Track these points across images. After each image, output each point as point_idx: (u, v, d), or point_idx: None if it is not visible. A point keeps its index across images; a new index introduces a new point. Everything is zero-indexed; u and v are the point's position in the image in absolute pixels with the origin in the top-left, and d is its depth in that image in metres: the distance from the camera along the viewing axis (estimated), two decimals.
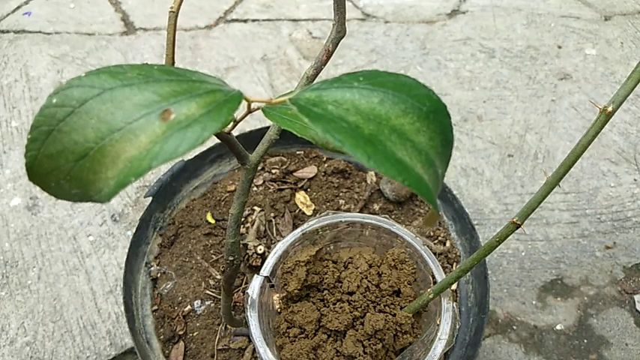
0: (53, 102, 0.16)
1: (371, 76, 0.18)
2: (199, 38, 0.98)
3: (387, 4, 1.06)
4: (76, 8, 1.05)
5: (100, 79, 0.17)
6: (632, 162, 0.77)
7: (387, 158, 0.16)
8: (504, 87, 0.89)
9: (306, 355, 0.35)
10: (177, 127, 0.16)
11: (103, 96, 0.16)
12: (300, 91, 0.18)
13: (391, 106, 0.18)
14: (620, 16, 1.02)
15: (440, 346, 0.34)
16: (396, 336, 0.36)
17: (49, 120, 0.16)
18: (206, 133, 0.16)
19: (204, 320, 0.49)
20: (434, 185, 0.17)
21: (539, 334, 0.60)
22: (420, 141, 0.18)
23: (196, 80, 0.18)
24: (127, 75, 0.17)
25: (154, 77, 0.17)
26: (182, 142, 0.15)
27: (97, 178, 0.16)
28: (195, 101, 0.17)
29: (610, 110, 0.24)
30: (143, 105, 0.16)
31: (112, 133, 0.16)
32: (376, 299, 0.37)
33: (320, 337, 0.36)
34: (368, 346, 0.36)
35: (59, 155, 0.16)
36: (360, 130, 0.17)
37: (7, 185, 0.72)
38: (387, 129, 0.17)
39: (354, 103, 0.17)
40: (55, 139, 0.16)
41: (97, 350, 0.56)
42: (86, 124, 0.16)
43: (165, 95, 0.17)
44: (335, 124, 0.16)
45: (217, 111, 0.16)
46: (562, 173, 0.27)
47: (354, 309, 0.37)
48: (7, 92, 0.86)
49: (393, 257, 0.38)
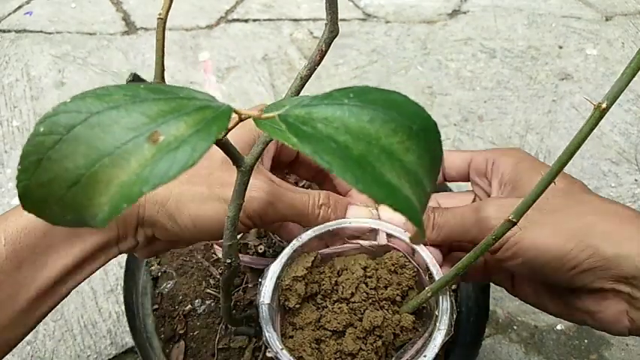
0: (41, 130, 0.16)
1: (361, 93, 0.18)
2: (200, 38, 0.98)
3: (387, 4, 1.06)
4: (77, 8, 1.05)
5: (86, 102, 0.16)
6: (632, 162, 0.77)
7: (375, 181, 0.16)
8: (505, 87, 0.89)
9: (309, 345, 0.36)
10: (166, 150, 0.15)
11: (90, 120, 0.16)
12: (290, 107, 0.18)
13: (381, 124, 0.17)
14: (621, 17, 1.02)
15: (440, 336, 0.34)
16: (395, 333, 0.36)
17: (38, 149, 0.16)
18: (196, 153, 0.15)
19: (205, 319, 0.49)
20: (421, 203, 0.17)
21: (539, 334, 0.60)
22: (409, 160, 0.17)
23: (184, 97, 0.18)
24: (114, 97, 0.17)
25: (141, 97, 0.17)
26: (172, 164, 0.15)
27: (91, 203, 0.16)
28: (184, 120, 0.16)
29: (604, 107, 0.24)
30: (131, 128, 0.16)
31: (102, 159, 0.16)
32: (374, 302, 0.37)
33: (322, 332, 0.37)
34: (368, 344, 0.36)
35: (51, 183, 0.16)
36: (349, 151, 0.16)
37: (8, 184, 0.72)
38: (376, 149, 0.17)
39: (344, 121, 0.17)
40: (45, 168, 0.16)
41: (98, 349, 0.56)
42: (75, 151, 0.16)
43: (153, 116, 0.16)
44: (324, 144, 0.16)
45: (207, 129, 0.16)
46: (556, 171, 0.27)
47: (352, 310, 0.37)
48: (8, 92, 0.86)
49: (393, 262, 0.38)
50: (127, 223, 0.34)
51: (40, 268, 0.31)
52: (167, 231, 0.35)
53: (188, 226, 0.34)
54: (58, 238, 0.31)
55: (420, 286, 0.39)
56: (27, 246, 0.30)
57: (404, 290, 0.38)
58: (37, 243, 0.31)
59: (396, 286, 0.37)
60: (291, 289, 0.37)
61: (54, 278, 0.31)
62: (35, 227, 0.31)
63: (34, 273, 0.30)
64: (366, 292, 0.37)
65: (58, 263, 0.31)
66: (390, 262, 0.38)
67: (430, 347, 0.34)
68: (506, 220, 0.29)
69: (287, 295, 0.37)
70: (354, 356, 0.36)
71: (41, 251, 0.31)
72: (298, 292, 0.37)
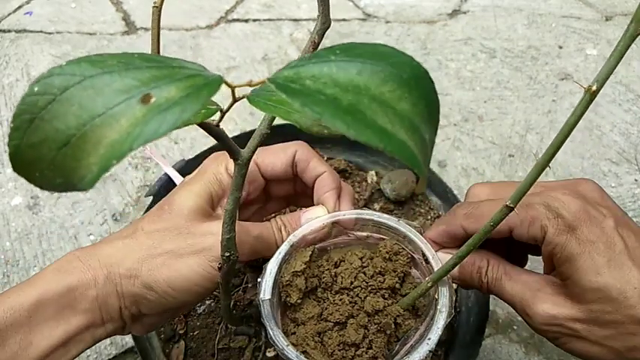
0: (35, 90, 0.16)
1: (348, 49, 0.18)
2: (200, 38, 0.98)
3: (387, 4, 1.06)
4: (77, 8, 1.05)
5: (81, 67, 0.17)
6: (632, 162, 0.77)
7: (367, 126, 0.16)
8: (505, 87, 0.89)
9: (311, 338, 0.36)
10: (157, 110, 0.16)
11: (83, 83, 0.16)
12: (278, 71, 0.18)
13: (370, 75, 0.17)
14: (621, 17, 1.02)
15: (442, 318, 0.35)
16: (396, 323, 0.37)
17: (30, 108, 0.16)
18: (185, 114, 0.16)
19: (205, 319, 0.49)
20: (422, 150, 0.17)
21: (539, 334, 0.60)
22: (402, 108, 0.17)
23: (176, 66, 0.18)
24: (108, 63, 0.17)
25: (135, 64, 0.17)
26: (162, 123, 0.16)
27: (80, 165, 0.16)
28: (175, 85, 0.17)
29: (594, 89, 0.24)
30: (123, 90, 0.16)
31: (93, 119, 0.16)
32: (374, 290, 0.38)
33: (324, 324, 0.37)
34: (370, 333, 0.36)
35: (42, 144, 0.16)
36: (339, 102, 0.16)
37: (8, 184, 0.72)
38: (366, 98, 0.17)
39: (332, 76, 0.17)
40: (37, 128, 0.16)
41: (98, 349, 0.56)
42: (67, 111, 0.16)
43: (145, 81, 0.17)
44: (313, 97, 0.16)
45: (196, 94, 0.17)
46: (551, 154, 0.27)
47: (353, 301, 0.37)
48: (8, 91, 0.86)
49: (387, 250, 0.38)
50: (109, 305, 0.34)
51: (25, 347, 0.31)
52: (149, 302, 0.35)
53: (166, 291, 0.35)
54: (43, 318, 0.32)
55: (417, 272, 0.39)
56: (12, 325, 0.31)
57: (400, 276, 0.38)
58: (23, 322, 0.31)
59: (392, 273, 0.38)
60: (292, 284, 0.37)
61: (39, 358, 0.32)
62: (21, 307, 0.31)
63: (18, 352, 0.31)
64: (365, 281, 0.37)
65: (42, 343, 0.32)
66: (384, 250, 0.38)
67: (433, 330, 0.35)
68: (504, 206, 0.29)
69: (288, 291, 0.37)
70: (357, 346, 0.36)
71: (26, 331, 0.31)
72: (299, 287, 0.37)
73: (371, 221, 0.40)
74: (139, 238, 0.36)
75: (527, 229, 0.35)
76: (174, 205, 0.38)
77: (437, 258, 0.37)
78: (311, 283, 0.38)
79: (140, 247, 0.35)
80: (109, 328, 0.35)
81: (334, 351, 0.36)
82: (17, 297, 0.32)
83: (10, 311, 0.31)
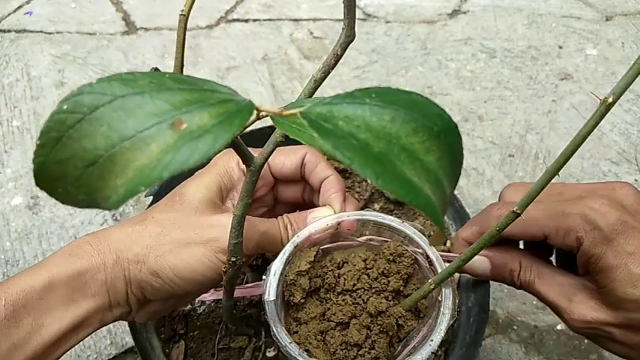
0: (64, 108, 0.16)
1: (383, 93, 0.18)
2: (200, 38, 0.98)
3: (387, 4, 1.06)
4: (77, 8, 1.05)
5: (112, 86, 0.16)
6: (632, 162, 0.77)
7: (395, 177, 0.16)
8: (505, 87, 0.89)
9: (314, 337, 0.36)
10: (188, 137, 0.15)
11: (114, 103, 0.16)
12: (311, 105, 0.18)
13: (402, 124, 0.17)
14: (621, 17, 1.02)
15: (445, 320, 0.35)
16: (399, 324, 0.37)
17: (59, 126, 0.16)
18: (217, 144, 0.15)
19: (205, 319, 0.49)
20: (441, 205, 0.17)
21: (539, 334, 0.60)
22: (429, 160, 0.17)
23: (208, 89, 0.18)
24: (139, 83, 0.17)
25: (166, 86, 0.17)
26: (194, 152, 0.15)
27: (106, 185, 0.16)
28: (208, 111, 0.16)
29: (610, 101, 0.24)
30: (155, 114, 0.16)
31: (122, 141, 0.16)
32: (377, 292, 0.38)
33: (327, 324, 0.37)
34: (372, 334, 0.36)
35: (68, 162, 0.16)
36: (370, 148, 0.16)
37: (8, 184, 0.72)
38: (396, 148, 0.17)
39: (365, 120, 0.17)
40: (64, 146, 0.16)
41: (98, 349, 0.56)
42: (96, 132, 0.16)
43: (177, 104, 0.16)
44: (345, 140, 0.16)
45: (229, 122, 0.16)
46: (562, 162, 0.27)
47: (356, 302, 0.37)
48: (8, 91, 0.86)
49: (390, 251, 0.38)
50: (117, 288, 0.35)
51: (37, 329, 0.32)
52: (154, 289, 0.36)
53: (171, 279, 0.35)
54: (54, 301, 0.33)
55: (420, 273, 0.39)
56: (25, 307, 0.32)
57: (404, 278, 0.38)
58: (35, 305, 0.32)
59: (396, 275, 0.38)
60: (296, 284, 0.37)
61: (49, 340, 0.32)
62: (33, 290, 0.32)
63: (30, 334, 0.32)
64: (369, 283, 0.38)
65: (53, 326, 0.32)
66: (387, 251, 0.38)
67: (436, 331, 0.35)
68: (511, 212, 0.29)
69: (292, 291, 0.37)
70: (360, 347, 0.36)
71: (38, 314, 0.32)
72: (303, 287, 0.37)
73: (374, 222, 0.40)
74: (149, 226, 0.36)
75: (562, 239, 0.34)
76: (184, 196, 0.38)
77: (440, 260, 0.37)
78: (314, 283, 0.38)
79: (149, 234, 0.36)
80: (116, 313, 0.36)
81: (336, 350, 0.36)
82: (29, 279, 0.32)
83: (22, 293, 0.32)
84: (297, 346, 0.34)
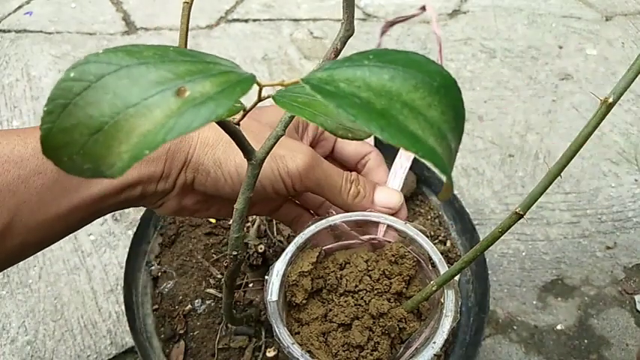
0: (71, 76, 0.16)
1: (381, 54, 0.19)
2: (200, 38, 0.98)
3: (388, 4, 1.06)
4: (77, 8, 1.05)
5: (117, 56, 0.17)
6: (632, 162, 0.77)
7: (400, 130, 0.17)
8: (505, 87, 0.89)
9: (316, 338, 0.36)
10: (191, 104, 0.16)
11: (119, 72, 0.17)
12: (312, 72, 0.19)
13: (402, 82, 0.18)
14: (621, 17, 1.02)
15: (447, 322, 0.35)
16: (401, 327, 0.37)
17: (65, 93, 0.16)
18: (220, 110, 0.16)
19: (205, 319, 0.49)
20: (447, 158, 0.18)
21: (539, 334, 0.60)
22: (431, 115, 0.18)
23: (210, 62, 0.18)
24: (144, 54, 0.17)
25: (170, 57, 0.18)
26: (196, 117, 0.16)
27: (110, 152, 0.16)
28: (210, 80, 0.17)
29: (611, 101, 0.24)
30: (159, 82, 0.17)
31: (127, 108, 0.16)
32: (379, 293, 0.38)
33: (329, 325, 0.37)
34: (374, 335, 0.36)
35: (74, 129, 0.16)
36: (372, 105, 0.17)
37: None
38: (398, 104, 0.17)
39: (365, 80, 0.18)
40: (70, 113, 0.16)
41: (98, 349, 0.56)
42: (102, 99, 0.16)
43: (180, 74, 0.17)
44: (347, 99, 0.17)
45: (231, 90, 0.17)
46: (564, 163, 0.27)
47: (358, 303, 0.37)
48: (8, 92, 0.86)
49: (392, 252, 0.38)
50: (175, 161, 0.35)
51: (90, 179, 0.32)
52: (209, 178, 0.35)
53: (232, 174, 0.35)
54: None
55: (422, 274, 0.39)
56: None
57: (406, 280, 0.38)
58: None
59: (398, 277, 0.38)
60: (298, 284, 0.37)
61: (96, 194, 0.32)
62: None
63: (81, 182, 0.32)
64: (371, 284, 0.37)
65: (105, 182, 0.33)
66: (390, 253, 0.38)
67: (439, 334, 0.34)
68: (514, 213, 0.29)
69: (294, 291, 0.37)
70: (361, 348, 0.36)
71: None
72: (305, 288, 0.37)
73: (377, 223, 0.40)
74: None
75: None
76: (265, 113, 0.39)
77: (443, 261, 0.37)
78: (316, 284, 0.38)
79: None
80: (160, 187, 0.36)
81: (338, 351, 0.36)
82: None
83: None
84: (299, 348, 0.34)
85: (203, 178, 0.36)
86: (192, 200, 0.38)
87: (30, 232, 0.31)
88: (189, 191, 0.37)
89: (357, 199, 0.39)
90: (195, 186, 0.36)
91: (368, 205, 0.40)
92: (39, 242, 0.33)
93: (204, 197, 0.38)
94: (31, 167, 0.30)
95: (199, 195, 0.38)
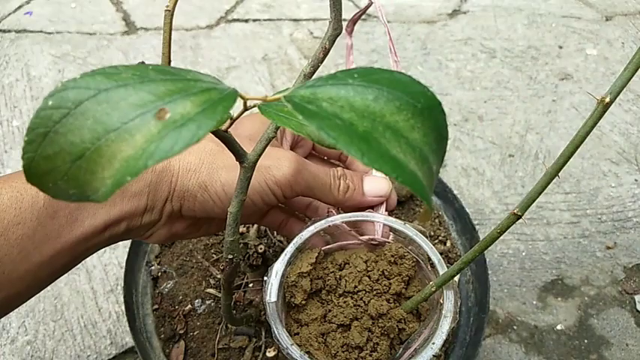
0: (49, 104, 0.16)
1: (366, 73, 0.19)
2: (200, 38, 0.98)
3: (387, 4, 1.06)
4: (77, 8, 1.05)
5: (96, 80, 0.17)
6: (632, 162, 0.77)
7: (381, 155, 0.16)
8: (505, 87, 0.89)
9: (315, 339, 0.36)
10: (172, 126, 0.16)
11: (98, 97, 0.16)
12: (295, 89, 0.18)
13: (386, 102, 0.18)
14: (621, 17, 1.02)
15: (446, 323, 0.35)
16: (400, 328, 0.37)
17: (45, 122, 0.16)
18: (201, 131, 0.16)
19: (205, 319, 0.49)
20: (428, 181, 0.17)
21: (539, 334, 0.60)
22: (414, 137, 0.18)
23: (191, 79, 0.18)
24: (122, 76, 0.17)
25: (149, 77, 0.17)
26: (178, 140, 0.15)
27: (94, 178, 0.16)
28: (191, 100, 0.17)
29: (608, 101, 0.24)
30: (138, 105, 0.16)
31: (107, 134, 0.16)
32: (379, 294, 0.38)
33: (328, 326, 0.37)
34: (374, 336, 0.36)
35: (56, 156, 0.16)
36: (355, 127, 0.17)
37: None
38: (381, 126, 0.17)
39: (349, 100, 0.18)
40: (51, 141, 0.16)
41: (98, 349, 0.56)
42: (82, 125, 0.16)
43: (160, 95, 0.17)
44: (329, 121, 0.17)
45: (212, 109, 0.17)
46: (561, 164, 0.27)
47: (357, 304, 0.37)
48: (8, 92, 0.86)
49: (392, 253, 0.38)
50: (158, 192, 0.35)
51: (71, 223, 0.31)
52: (196, 203, 0.35)
53: (219, 194, 0.35)
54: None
55: (421, 275, 0.39)
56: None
57: (405, 280, 0.38)
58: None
59: (397, 277, 0.38)
60: (297, 285, 0.37)
61: (79, 235, 0.32)
62: None
63: (64, 227, 0.31)
64: (370, 285, 0.37)
65: (85, 222, 0.32)
66: (389, 253, 0.38)
67: (438, 334, 0.34)
68: (512, 214, 0.29)
69: (293, 292, 0.37)
70: (361, 349, 0.36)
71: (75, 207, 0.32)
72: (304, 288, 0.37)
73: (377, 224, 0.40)
74: (204, 141, 0.36)
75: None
76: (243, 125, 0.39)
77: (442, 262, 0.37)
78: (316, 284, 0.38)
79: (204, 148, 0.36)
80: (145, 219, 0.35)
81: (338, 352, 0.36)
82: None
83: None
84: (298, 348, 0.34)
85: (191, 204, 0.35)
86: (183, 225, 0.38)
87: (14, 285, 0.30)
88: (177, 218, 0.37)
89: (348, 194, 0.39)
90: (184, 212, 0.36)
91: (359, 197, 0.40)
92: (24, 293, 0.32)
93: (194, 221, 0.38)
94: (9, 219, 0.29)
95: (189, 219, 0.37)
